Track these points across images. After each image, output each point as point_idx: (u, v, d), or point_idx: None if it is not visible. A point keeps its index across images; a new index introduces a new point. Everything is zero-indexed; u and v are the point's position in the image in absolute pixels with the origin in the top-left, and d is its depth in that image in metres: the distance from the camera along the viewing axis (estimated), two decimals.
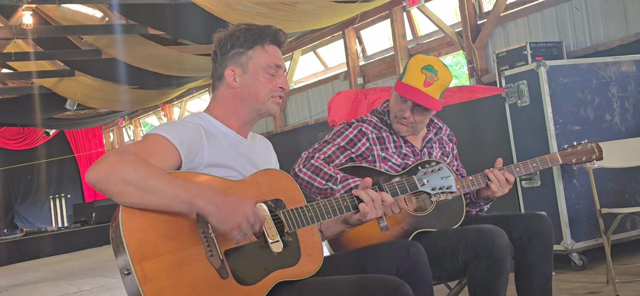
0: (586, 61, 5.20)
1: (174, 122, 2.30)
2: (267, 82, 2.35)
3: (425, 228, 2.90)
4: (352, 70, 9.97)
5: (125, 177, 1.99)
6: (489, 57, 7.82)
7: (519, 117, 5.12)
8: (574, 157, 3.06)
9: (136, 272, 1.94)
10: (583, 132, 5.00)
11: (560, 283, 4.63)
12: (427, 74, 2.95)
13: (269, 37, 2.36)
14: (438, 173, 2.60)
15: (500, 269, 2.67)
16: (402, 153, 3.03)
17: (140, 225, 2.00)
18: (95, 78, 11.45)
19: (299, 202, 2.32)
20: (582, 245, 4.97)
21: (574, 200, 4.97)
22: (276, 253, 2.19)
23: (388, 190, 2.47)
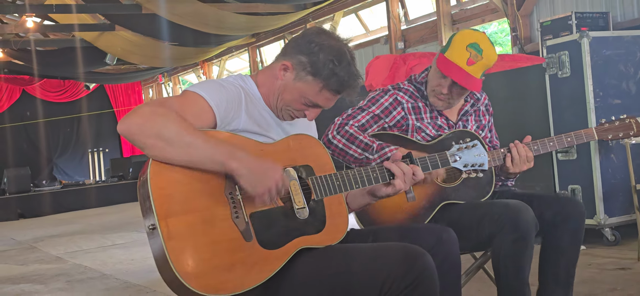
0: (631, 33, 5.11)
1: (215, 81, 2.25)
2: (297, 102, 2.28)
3: (452, 200, 2.87)
4: (394, 34, 9.90)
5: (159, 131, 1.97)
6: (533, 25, 7.70)
7: (558, 89, 5.07)
8: (611, 133, 2.95)
9: (161, 228, 1.93)
10: (623, 106, 4.93)
11: (591, 258, 4.62)
12: (472, 52, 2.85)
13: (334, 87, 2.25)
14: (472, 150, 2.57)
15: (525, 243, 2.64)
16: (437, 124, 2.98)
17: (167, 181, 1.99)
18: (136, 34, 11.48)
19: (328, 170, 2.29)
20: (615, 221, 4.94)
21: (610, 174, 4.92)
22: (302, 220, 2.16)
23: (419, 164, 2.43)
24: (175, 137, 1.97)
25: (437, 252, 2.29)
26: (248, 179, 2.03)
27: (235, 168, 2.02)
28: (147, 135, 1.98)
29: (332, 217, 2.24)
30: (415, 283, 2.04)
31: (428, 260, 2.08)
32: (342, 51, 2.25)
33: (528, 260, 2.69)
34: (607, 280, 4.00)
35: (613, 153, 4.91)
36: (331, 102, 2.30)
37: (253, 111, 2.26)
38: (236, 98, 2.21)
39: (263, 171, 2.04)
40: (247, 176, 2.02)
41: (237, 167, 2.02)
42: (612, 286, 3.84)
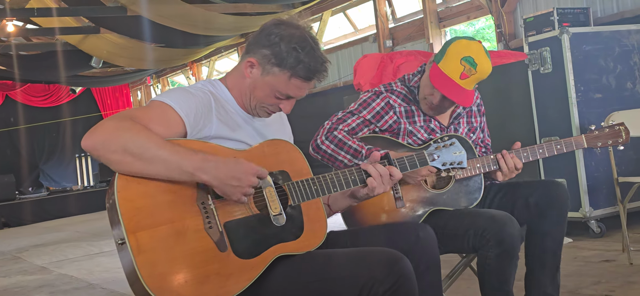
0: (609, 28, 5.18)
1: (182, 89, 2.20)
2: (270, 97, 2.26)
3: (440, 207, 2.85)
4: (381, 32, 9.93)
5: (125, 145, 1.92)
6: (517, 21, 7.74)
7: (541, 84, 5.12)
8: (600, 141, 2.95)
9: (130, 242, 1.88)
10: (604, 100, 5.00)
11: (577, 251, 4.67)
12: (466, 66, 2.79)
13: (302, 74, 2.22)
14: (450, 148, 2.55)
15: (509, 258, 2.65)
16: (429, 127, 2.95)
17: (136, 193, 1.94)
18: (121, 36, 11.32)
19: (305, 174, 2.25)
20: (600, 213, 5.00)
21: (594, 168, 4.98)
22: (278, 227, 2.12)
23: (397, 165, 2.42)
24: (141, 151, 1.93)
25: (416, 251, 2.29)
26: (221, 189, 2.00)
27: (206, 180, 1.98)
28: (112, 150, 1.93)
29: (310, 223, 2.21)
30: (395, 287, 2.03)
31: (406, 264, 2.07)
32: (303, 37, 2.21)
33: (512, 272, 2.70)
34: (593, 272, 4.03)
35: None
36: (303, 90, 2.27)
37: (224, 116, 2.22)
38: (206, 104, 2.17)
39: (236, 179, 2.00)
40: (219, 187, 2.00)
41: (207, 178, 1.98)
42: (597, 279, 3.87)
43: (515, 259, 2.68)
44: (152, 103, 2.12)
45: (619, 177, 4.35)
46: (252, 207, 2.12)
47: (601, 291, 3.63)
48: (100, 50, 12.15)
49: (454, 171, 2.56)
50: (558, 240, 2.87)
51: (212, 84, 2.30)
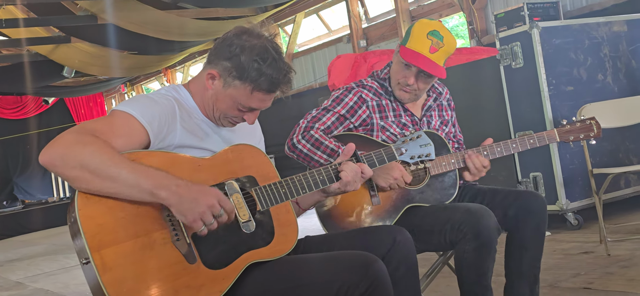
0: (578, 22, 5.21)
1: (145, 96, 2.14)
2: (232, 109, 2.21)
3: (416, 203, 2.85)
4: (355, 32, 9.94)
5: (83, 161, 1.86)
6: (489, 18, 7.78)
7: (513, 79, 5.14)
8: (572, 135, 2.98)
9: (94, 260, 1.83)
10: (576, 92, 5.03)
11: (556, 243, 4.69)
12: (433, 40, 2.83)
13: (265, 86, 2.16)
14: (417, 141, 2.55)
15: (487, 250, 2.64)
16: (401, 122, 2.96)
17: (98, 209, 1.88)
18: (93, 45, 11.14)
19: (272, 178, 2.21)
20: (577, 205, 5.03)
21: (568, 160, 5.01)
22: (248, 233, 2.08)
23: (365, 162, 2.41)
24: (100, 168, 1.86)
25: (393, 254, 2.27)
26: (178, 208, 1.92)
27: (165, 198, 1.91)
28: (70, 166, 1.87)
29: (280, 227, 2.18)
30: (370, 290, 2.01)
31: (380, 267, 2.05)
32: (265, 48, 2.15)
33: (490, 265, 2.69)
34: (571, 265, 4.04)
35: None
36: (267, 102, 2.21)
37: (189, 123, 2.17)
38: (170, 112, 2.12)
39: (194, 197, 1.93)
40: (177, 205, 1.92)
41: (166, 196, 1.91)
42: (576, 271, 3.88)
43: (493, 252, 2.67)
44: (113, 113, 2.06)
45: (593, 169, 4.38)
46: (215, 226, 2.04)
47: (580, 284, 3.64)
48: (72, 60, 11.96)
49: (423, 164, 2.55)
50: (536, 253, 2.87)
51: (176, 90, 2.25)
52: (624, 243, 4.35)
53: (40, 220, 13.01)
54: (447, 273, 3.39)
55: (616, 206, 5.26)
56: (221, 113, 2.23)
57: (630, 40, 5.31)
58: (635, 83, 5.26)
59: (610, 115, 4.57)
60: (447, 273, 3.39)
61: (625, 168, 4.53)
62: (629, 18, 5.36)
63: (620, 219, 5.06)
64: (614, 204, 5.19)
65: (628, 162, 5.12)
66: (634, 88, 5.19)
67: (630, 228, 4.73)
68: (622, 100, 4.78)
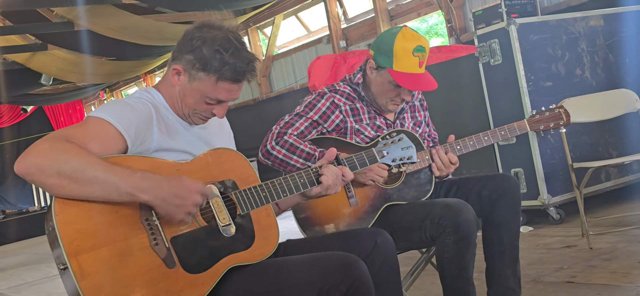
0: (555, 17, 5.24)
1: (121, 101, 2.12)
2: (200, 103, 2.19)
3: (394, 202, 2.86)
4: (334, 33, 9.94)
5: (60, 168, 1.84)
6: (467, 15, 7.81)
7: (492, 76, 5.16)
8: (542, 124, 3.03)
9: (72, 267, 1.81)
10: (555, 88, 5.05)
11: (538, 238, 4.71)
12: (420, 56, 2.85)
13: (229, 76, 2.14)
14: (398, 144, 2.55)
15: (467, 243, 2.66)
16: (375, 125, 2.96)
17: (75, 215, 1.86)
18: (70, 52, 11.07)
19: (252, 182, 2.20)
20: (558, 199, 5.05)
21: (549, 155, 5.03)
22: (228, 237, 2.08)
23: (346, 165, 2.41)
24: (77, 173, 1.84)
25: (375, 257, 2.27)
26: (163, 210, 1.93)
27: (148, 201, 1.91)
28: (47, 174, 1.85)
29: (261, 230, 2.17)
30: (351, 290, 2.01)
31: (361, 267, 2.05)
32: (226, 38, 2.14)
33: (471, 259, 2.71)
34: (554, 259, 4.06)
35: (550, 135, 5.02)
36: (234, 93, 2.19)
37: (165, 126, 2.16)
38: (146, 116, 2.11)
39: (178, 198, 1.93)
40: (161, 207, 1.93)
41: (148, 198, 1.91)
42: (559, 265, 3.89)
43: (473, 246, 2.69)
44: (88, 120, 2.04)
45: (573, 163, 4.40)
46: (199, 219, 2.06)
47: (563, 278, 3.65)
48: (50, 67, 11.89)
49: (405, 166, 2.56)
50: (514, 231, 2.89)
51: (149, 92, 2.23)
52: (606, 236, 4.37)
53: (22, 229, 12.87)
54: (431, 271, 3.39)
55: (597, 199, 5.29)
56: (190, 108, 2.21)
57: (607, 35, 5.35)
58: (613, 77, 5.29)
59: (589, 110, 4.60)
60: (431, 271, 3.39)
61: (605, 161, 4.55)
62: (605, 12, 5.40)
63: (601, 212, 5.09)
64: (595, 198, 5.22)
65: (608, 156, 5.15)
66: (612, 82, 5.22)
67: (612, 221, 4.76)
68: (601, 94, 4.81)
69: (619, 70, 5.33)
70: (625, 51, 5.38)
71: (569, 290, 3.43)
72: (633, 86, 4.92)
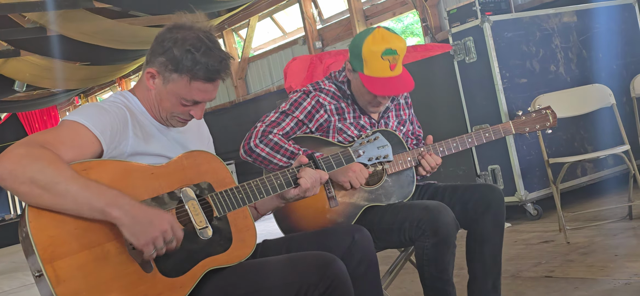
0: (529, 14, 5.27)
1: (96, 105, 2.10)
2: (177, 106, 2.18)
3: (374, 203, 2.85)
4: (310, 34, 9.93)
5: (32, 177, 1.81)
6: (442, 14, 7.84)
7: (467, 73, 5.18)
8: (528, 126, 3.01)
9: (47, 273, 1.78)
10: (530, 84, 5.09)
11: (516, 234, 4.74)
12: (390, 58, 2.80)
13: (202, 75, 2.12)
14: (374, 142, 2.54)
15: (446, 246, 2.66)
16: (359, 124, 2.94)
17: (50, 222, 1.84)
18: (44, 57, 10.99)
19: (228, 184, 2.19)
20: (535, 195, 5.08)
21: (525, 151, 5.07)
22: (205, 240, 2.06)
23: (323, 166, 2.40)
24: (51, 184, 1.81)
25: (353, 253, 2.27)
26: (131, 229, 1.88)
27: (117, 217, 1.86)
28: (20, 181, 1.81)
29: (238, 232, 2.15)
30: (329, 290, 2.01)
31: (339, 266, 2.05)
32: (198, 38, 2.13)
33: (451, 260, 2.71)
34: (532, 254, 4.09)
35: None
36: (209, 94, 2.17)
37: (140, 129, 2.14)
38: (121, 119, 2.09)
39: (148, 220, 1.89)
40: (130, 226, 1.87)
41: (118, 215, 1.86)
42: (537, 260, 3.92)
43: (452, 247, 2.69)
44: (63, 124, 2.02)
45: (549, 159, 4.43)
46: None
47: (542, 272, 3.68)
48: (23, 73, 11.76)
49: (381, 165, 2.55)
50: (497, 244, 2.89)
51: (125, 96, 2.21)
52: (583, 231, 4.41)
53: None
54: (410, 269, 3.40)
55: (574, 195, 5.33)
56: (167, 112, 2.19)
57: (581, 31, 5.39)
58: (587, 72, 5.34)
59: (564, 105, 4.63)
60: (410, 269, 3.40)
61: (581, 156, 4.59)
62: (578, 8, 5.44)
63: (578, 207, 5.13)
64: (571, 193, 5.26)
65: (583, 151, 5.19)
66: (586, 78, 5.27)
67: (588, 216, 4.80)
68: (575, 89, 4.85)
69: (592, 65, 5.38)
70: (599, 47, 5.43)
71: (547, 285, 3.45)
72: (607, 81, 4.98)
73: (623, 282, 3.23)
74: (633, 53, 5.59)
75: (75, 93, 15.37)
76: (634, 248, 3.85)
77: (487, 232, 2.85)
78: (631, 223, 4.39)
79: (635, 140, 4.84)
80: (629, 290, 3.11)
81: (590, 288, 3.26)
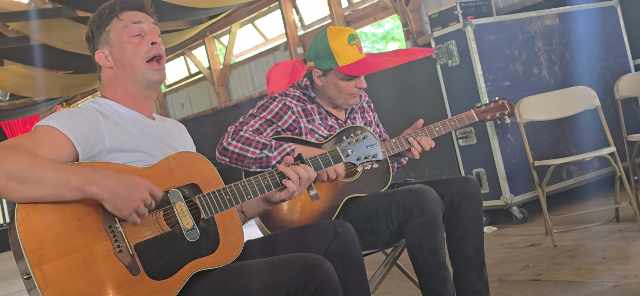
0: (511, 17, 5.27)
1: (66, 111, 2.16)
2: (135, 46, 2.24)
3: (355, 194, 2.90)
4: (291, 40, 9.92)
5: (7, 170, 1.85)
6: (423, 18, 7.85)
7: (450, 77, 5.17)
8: (488, 114, 3.16)
9: (36, 276, 1.81)
10: (513, 87, 5.08)
11: (503, 238, 4.72)
12: (355, 42, 2.98)
13: (120, 6, 2.24)
14: (363, 142, 2.54)
15: (435, 224, 2.69)
16: (327, 124, 3.01)
17: (38, 224, 1.86)
18: (26, 66, 11.05)
19: (215, 185, 2.20)
20: (521, 198, 5.07)
21: (510, 154, 5.05)
22: (193, 242, 2.07)
23: (311, 164, 2.40)
24: (25, 174, 1.86)
25: (336, 248, 2.27)
26: (112, 202, 1.92)
27: (97, 193, 1.91)
28: None
29: (225, 234, 2.16)
30: (318, 292, 2.01)
31: (327, 267, 2.05)
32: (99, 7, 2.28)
33: (441, 242, 2.73)
34: (519, 258, 4.08)
35: (509, 134, 5.04)
36: (144, 20, 2.26)
37: (114, 127, 2.16)
38: (92, 119, 2.12)
39: (127, 193, 1.93)
40: (110, 199, 1.92)
41: (98, 191, 1.90)
42: (524, 263, 3.91)
43: (441, 228, 2.73)
44: (36, 129, 2.07)
45: (534, 161, 4.42)
46: (162, 224, 2.05)
47: (529, 276, 3.67)
48: (6, 82, 11.83)
49: (370, 165, 2.56)
50: (478, 235, 2.92)
51: (96, 102, 2.26)
52: (570, 234, 4.41)
53: None
54: (397, 274, 3.37)
55: (560, 198, 5.32)
56: (134, 71, 2.25)
57: (563, 33, 5.40)
58: (570, 75, 5.34)
59: (548, 108, 4.63)
60: (397, 274, 3.37)
61: (566, 159, 4.58)
62: (560, 11, 5.45)
63: (564, 210, 5.12)
64: (557, 196, 5.25)
65: (568, 153, 5.19)
66: (570, 80, 5.27)
67: (574, 219, 4.79)
68: (559, 91, 4.84)
69: (576, 68, 5.38)
70: (582, 49, 5.44)
71: (535, 288, 3.44)
72: (590, 83, 4.98)
73: (612, 284, 3.22)
74: (616, 55, 5.60)
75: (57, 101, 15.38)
76: (622, 250, 3.85)
77: (465, 225, 2.89)
78: (618, 226, 4.39)
79: (621, 142, 4.83)
80: (617, 292, 3.11)
81: (578, 291, 3.25)
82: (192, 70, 12.76)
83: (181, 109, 13.12)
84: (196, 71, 12.50)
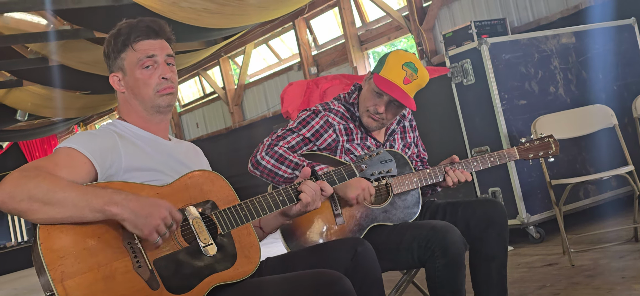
0: (527, 36, 5.25)
1: (84, 132, 2.21)
2: (146, 78, 2.27)
3: (380, 222, 2.87)
4: (305, 60, 9.93)
5: (30, 193, 1.91)
6: (437, 38, 7.83)
7: (466, 96, 5.14)
8: (531, 153, 3.07)
9: (58, 292, 1.86)
10: (529, 105, 5.05)
11: (519, 257, 4.67)
12: (408, 71, 2.88)
13: (135, 35, 2.26)
14: (376, 157, 2.56)
15: (457, 266, 2.66)
16: (366, 145, 2.97)
17: (60, 242, 1.91)
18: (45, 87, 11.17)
19: (231, 201, 2.23)
20: (537, 218, 5.02)
21: (526, 173, 5.01)
22: (210, 257, 2.10)
23: (325, 179, 2.42)
24: (48, 196, 1.91)
25: (355, 267, 2.29)
26: (132, 222, 1.96)
27: (117, 213, 1.95)
28: (19, 199, 1.91)
29: (242, 249, 2.19)
30: None
31: (345, 284, 2.06)
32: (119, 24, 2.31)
33: (462, 281, 2.70)
34: (536, 277, 4.03)
35: None
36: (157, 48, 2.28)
37: (130, 147, 2.20)
38: (110, 140, 2.17)
39: (147, 212, 1.96)
40: (131, 219, 1.95)
41: (118, 211, 1.95)
42: (541, 283, 3.87)
43: (463, 267, 2.69)
44: (56, 151, 2.12)
45: (551, 180, 4.38)
46: (180, 240, 2.08)
47: (547, 295, 3.63)
48: (25, 103, 11.96)
49: (385, 180, 2.55)
50: (502, 260, 2.89)
51: (113, 124, 2.31)
52: (588, 253, 4.35)
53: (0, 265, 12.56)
54: (413, 291, 3.34)
55: (577, 217, 5.26)
56: (145, 94, 2.27)
57: (579, 52, 5.37)
58: (587, 93, 5.30)
59: (564, 127, 4.59)
60: (413, 291, 3.34)
61: (583, 177, 4.54)
62: (576, 30, 5.42)
63: (581, 230, 5.06)
64: (574, 215, 5.20)
65: (585, 172, 5.14)
66: (586, 99, 5.23)
67: (592, 238, 4.73)
68: (575, 110, 4.81)
69: (593, 86, 5.34)
70: (598, 67, 5.39)
71: None
72: (607, 102, 4.95)
73: None
74: (633, 73, 5.55)
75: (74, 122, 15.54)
76: None
77: (491, 250, 2.86)
78: (637, 245, 4.33)
79: (639, 161, 4.78)
80: None
81: None
82: (207, 90, 12.80)
83: (196, 129, 13.16)
84: (211, 91, 12.54)
